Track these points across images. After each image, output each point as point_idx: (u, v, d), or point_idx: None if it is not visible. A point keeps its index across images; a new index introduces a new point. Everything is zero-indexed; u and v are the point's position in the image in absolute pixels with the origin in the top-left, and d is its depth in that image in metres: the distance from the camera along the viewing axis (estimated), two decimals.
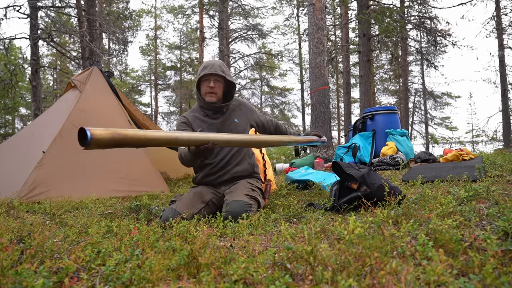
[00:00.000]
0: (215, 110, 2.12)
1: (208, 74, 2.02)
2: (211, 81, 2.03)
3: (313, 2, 7.21)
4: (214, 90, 2.04)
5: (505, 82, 13.61)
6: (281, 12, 35.04)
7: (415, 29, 13.30)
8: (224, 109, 2.13)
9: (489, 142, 20.41)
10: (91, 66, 4.23)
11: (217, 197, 2.04)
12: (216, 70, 2.02)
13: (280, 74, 22.50)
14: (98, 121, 3.74)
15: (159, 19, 22.95)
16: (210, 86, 2.03)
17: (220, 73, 2.03)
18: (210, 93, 2.05)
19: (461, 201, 1.80)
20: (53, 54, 21.22)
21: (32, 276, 0.85)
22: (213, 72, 2.01)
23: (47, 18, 9.79)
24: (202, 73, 2.03)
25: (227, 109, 2.16)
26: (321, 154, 6.84)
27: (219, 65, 2.07)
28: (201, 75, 2.04)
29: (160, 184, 3.69)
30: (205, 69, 2.03)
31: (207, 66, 2.04)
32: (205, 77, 2.05)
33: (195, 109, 2.21)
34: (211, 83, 2.02)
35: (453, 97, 21.65)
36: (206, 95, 2.06)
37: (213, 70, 2.01)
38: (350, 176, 2.11)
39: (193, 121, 2.13)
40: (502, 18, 13.72)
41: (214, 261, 0.95)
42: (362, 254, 0.87)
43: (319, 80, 7.11)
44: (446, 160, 4.14)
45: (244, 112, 2.22)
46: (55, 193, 2.97)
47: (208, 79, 2.04)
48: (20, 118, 24.17)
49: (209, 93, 2.05)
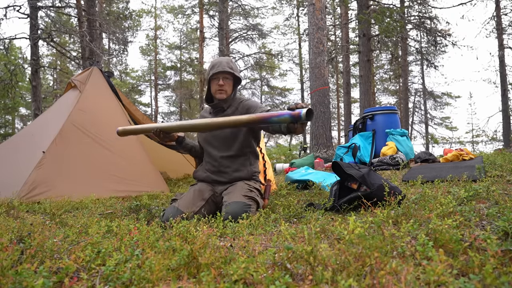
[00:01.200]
0: (217, 107, 2.17)
1: (216, 72, 2.06)
2: (220, 79, 2.07)
3: (313, 2, 7.20)
4: (223, 88, 2.09)
5: (505, 82, 13.62)
6: (281, 12, 35.11)
7: (415, 29, 13.29)
8: (224, 105, 2.15)
9: (489, 142, 20.41)
10: (91, 66, 4.23)
11: (215, 196, 2.06)
12: (224, 67, 2.06)
13: (280, 74, 22.50)
14: (98, 121, 3.74)
15: (159, 19, 22.98)
16: (219, 84, 2.08)
17: (228, 69, 2.06)
18: (220, 90, 2.09)
19: (461, 201, 1.80)
20: (53, 54, 21.23)
21: (32, 276, 0.84)
22: (221, 70, 2.05)
23: (47, 18, 9.79)
24: (211, 73, 2.07)
25: (229, 106, 2.17)
26: (321, 154, 6.84)
27: (227, 61, 2.11)
28: (210, 74, 2.08)
29: (160, 184, 3.69)
30: (214, 68, 2.07)
31: (215, 65, 2.08)
32: (214, 76, 2.09)
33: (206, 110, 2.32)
34: (220, 81, 2.07)
35: (453, 97, 21.66)
36: (216, 93, 2.11)
37: (221, 68, 2.05)
38: (350, 176, 2.11)
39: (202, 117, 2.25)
40: (502, 18, 13.72)
41: (214, 261, 0.95)
42: (362, 254, 0.87)
43: (319, 80, 7.11)
44: (446, 160, 4.14)
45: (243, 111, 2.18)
46: (55, 193, 2.97)
47: (217, 77, 2.09)
48: (20, 118, 24.18)
49: (218, 91, 2.10)
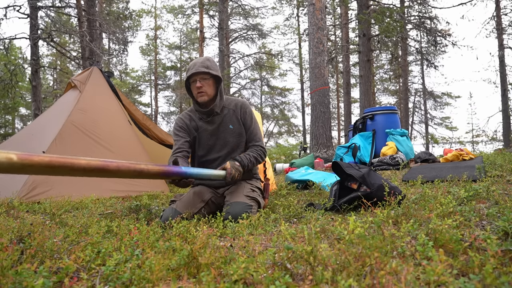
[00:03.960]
0: (207, 113, 2.03)
1: (191, 75, 1.95)
2: (197, 81, 1.95)
3: (313, 2, 7.21)
4: (202, 90, 1.95)
5: (505, 82, 13.62)
6: (281, 12, 35.13)
7: (415, 29, 13.30)
8: (216, 110, 2.04)
9: (489, 142, 20.42)
10: (91, 66, 4.24)
11: (216, 197, 2.04)
12: (198, 68, 1.92)
13: (280, 74, 22.52)
14: (98, 121, 3.74)
15: (159, 19, 22.98)
16: (197, 87, 1.94)
17: (203, 69, 1.92)
18: (200, 93, 1.96)
19: (461, 201, 1.80)
20: (53, 54, 21.23)
21: (32, 276, 0.84)
22: (194, 72, 1.92)
23: (47, 18, 9.79)
24: (186, 77, 1.98)
25: (221, 110, 2.07)
26: (321, 154, 6.84)
27: (202, 61, 1.96)
28: (185, 79, 1.99)
29: (160, 184, 3.69)
30: (189, 71, 1.96)
31: (190, 68, 1.97)
32: (191, 79, 1.98)
33: (191, 110, 2.15)
34: (197, 83, 1.94)
35: (453, 97, 21.66)
36: (197, 96, 1.98)
37: (195, 70, 1.92)
38: (350, 176, 2.11)
39: (188, 122, 2.09)
40: (502, 18, 13.73)
41: (214, 261, 0.95)
42: (362, 254, 0.87)
43: (319, 80, 7.11)
44: (446, 160, 4.14)
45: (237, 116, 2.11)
46: (55, 193, 2.97)
47: (194, 80, 1.96)
48: (20, 118, 24.17)
49: (199, 93, 1.96)
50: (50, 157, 1.01)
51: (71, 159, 1.06)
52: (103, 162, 1.15)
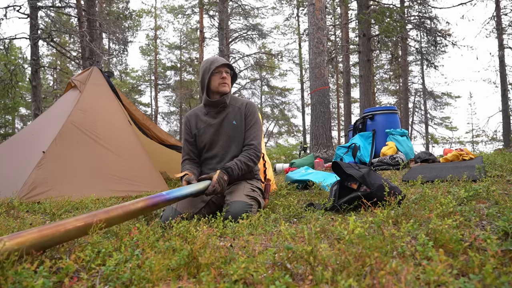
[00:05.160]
0: (216, 104, 2.12)
1: (219, 66, 2.07)
2: (223, 72, 2.08)
3: (313, 2, 7.21)
4: (226, 81, 2.09)
5: (505, 82, 13.62)
6: (281, 12, 35.15)
7: (415, 29, 13.30)
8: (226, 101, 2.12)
9: (489, 142, 20.42)
10: (91, 66, 4.24)
11: (217, 197, 2.04)
12: (224, 61, 2.08)
13: (280, 74, 22.52)
14: (98, 121, 3.74)
15: (159, 19, 22.98)
16: (223, 77, 2.07)
17: (229, 63, 2.10)
18: (223, 83, 2.08)
19: (461, 201, 1.80)
20: (53, 54, 21.23)
21: (32, 276, 0.85)
22: (222, 63, 2.07)
23: (47, 18, 9.78)
24: (213, 67, 2.06)
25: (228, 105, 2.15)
26: (321, 154, 6.84)
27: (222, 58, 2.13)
28: (212, 69, 2.06)
29: (160, 184, 3.69)
30: (215, 63, 2.07)
31: (213, 61, 2.09)
32: (216, 70, 2.09)
33: (199, 107, 2.25)
34: (223, 74, 2.08)
35: (453, 97, 21.66)
36: (219, 86, 2.08)
37: (222, 62, 2.07)
38: (350, 176, 2.11)
39: (192, 119, 2.19)
40: (502, 18, 13.73)
41: (214, 261, 0.95)
42: (362, 254, 0.87)
43: (319, 80, 7.11)
44: (446, 160, 4.14)
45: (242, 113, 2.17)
46: (55, 193, 2.97)
47: (219, 71, 2.09)
48: (20, 118, 24.18)
49: (222, 84, 2.08)
50: (39, 229, 1.07)
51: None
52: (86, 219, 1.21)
